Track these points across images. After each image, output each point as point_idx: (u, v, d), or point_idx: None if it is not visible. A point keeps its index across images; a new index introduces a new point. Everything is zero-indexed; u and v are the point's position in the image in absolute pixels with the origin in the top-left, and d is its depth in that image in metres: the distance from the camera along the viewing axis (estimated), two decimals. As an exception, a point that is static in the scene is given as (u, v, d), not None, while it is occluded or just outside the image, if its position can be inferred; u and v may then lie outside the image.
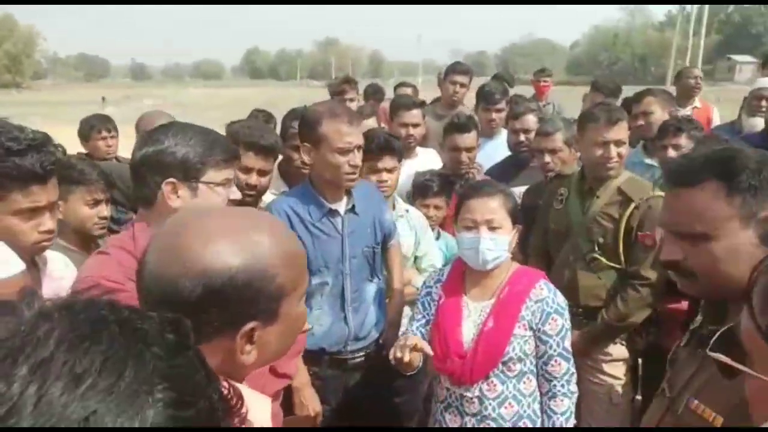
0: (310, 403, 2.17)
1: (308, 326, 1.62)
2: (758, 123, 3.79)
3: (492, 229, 1.96)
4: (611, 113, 2.48)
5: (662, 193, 2.47)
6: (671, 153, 2.93)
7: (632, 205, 2.44)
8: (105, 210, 2.32)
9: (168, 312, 0.76)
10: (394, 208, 2.74)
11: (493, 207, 1.97)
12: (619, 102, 4.27)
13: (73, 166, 2.29)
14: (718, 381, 1.06)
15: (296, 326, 0.96)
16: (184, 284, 0.82)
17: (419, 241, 2.76)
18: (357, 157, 2.19)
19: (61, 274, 1.73)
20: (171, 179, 1.47)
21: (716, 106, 5.23)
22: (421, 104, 3.68)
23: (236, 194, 1.58)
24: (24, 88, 62.34)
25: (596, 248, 2.50)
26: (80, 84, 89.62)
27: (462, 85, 4.37)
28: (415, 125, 3.51)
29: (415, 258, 2.78)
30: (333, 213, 2.26)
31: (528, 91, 6.23)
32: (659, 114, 3.44)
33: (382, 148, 2.67)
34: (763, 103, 3.93)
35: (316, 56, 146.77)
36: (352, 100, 4.30)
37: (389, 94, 5.60)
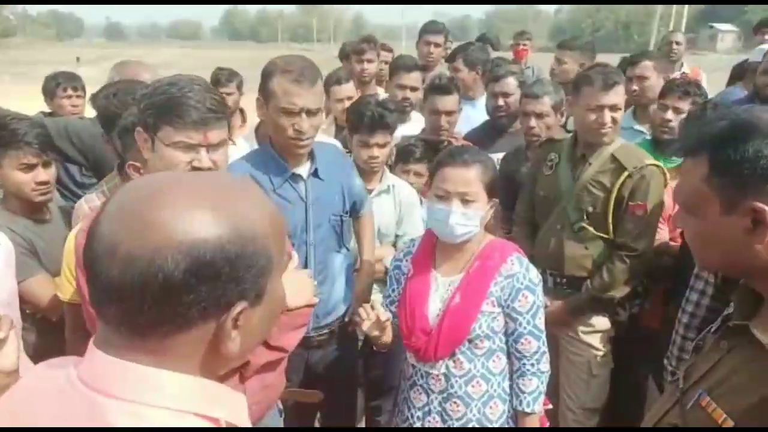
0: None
1: (315, 300, 1.54)
2: None
3: (465, 202, 1.83)
4: (608, 76, 2.36)
5: (656, 162, 2.43)
6: (669, 115, 2.84)
7: (625, 174, 2.35)
8: (43, 174, 2.11)
9: (145, 297, 0.68)
10: (380, 180, 2.61)
11: (468, 178, 1.83)
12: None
13: (5, 126, 2.08)
14: (736, 377, 0.98)
15: (278, 307, 0.84)
16: (166, 260, 0.68)
17: (402, 220, 2.62)
18: (305, 122, 1.96)
19: None
20: (139, 128, 1.46)
21: (698, 75, 5.17)
22: (423, 68, 3.50)
23: (206, 164, 1.47)
24: (-8, 47, 60.19)
25: (585, 217, 2.42)
26: (52, 43, 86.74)
27: (436, 45, 4.20)
28: (413, 89, 3.35)
29: (396, 237, 2.65)
30: (295, 178, 2.08)
31: (510, 56, 6.08)
32: (654, 80, 3.34)
33: (375, 123, 2.51)
34: None
35: (297, 18, 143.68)
36: (370, 61, 3.96)
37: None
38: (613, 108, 2.36)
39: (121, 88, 2.28)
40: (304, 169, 2.10)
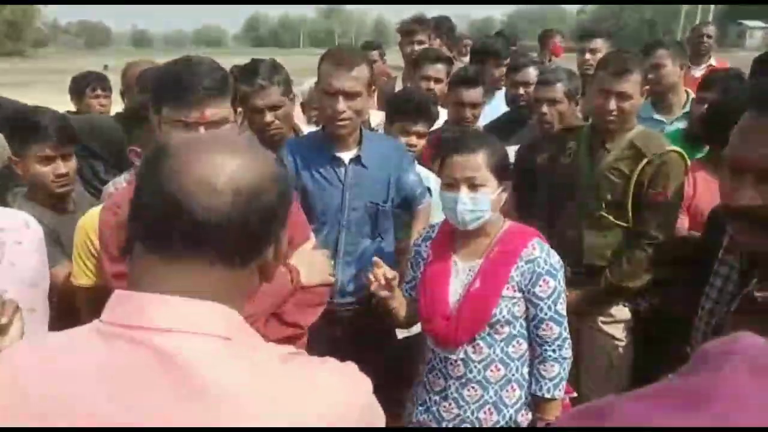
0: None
1: (331, 279, 1.57)
2: None
3: (473, 187, 1.83)
4: (620, 63, 2.33)
5: (677, 149, 2.39)
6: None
7: (644, 161, 2.31)
8: (62, 167, 2.17)
9: (247, 224, 0.75)
10: None
11: (474, 163, 1.83)
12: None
13: (26, 118, 2.16)
14: None
15: (272, 276, 0.86)
16: (267, 188, 0.78)
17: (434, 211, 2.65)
18: (341, 104, 2.08)
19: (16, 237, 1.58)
20: (152, 109, 1.51)
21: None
22: (447, 59, 3.46)
23: None
24: (27, 57, 61.66)
25: (604, 205, 2.39)
26: (82, 52, 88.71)
27: (420, 43, 4.14)
28: (438, 80, 3.33)
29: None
30: (337, 161, 2.19)
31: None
32: (670, 68, 3.29)
33: (419, 111, 2.57)
34: None
35: (319, 23, 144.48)
36: (421, 42, 3.99)
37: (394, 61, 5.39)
38: (621, 96, 2.31)
39: None
40: (347, 154, 2.20)
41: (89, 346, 0.74)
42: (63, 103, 3.48)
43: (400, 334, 2.42)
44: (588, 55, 3.85)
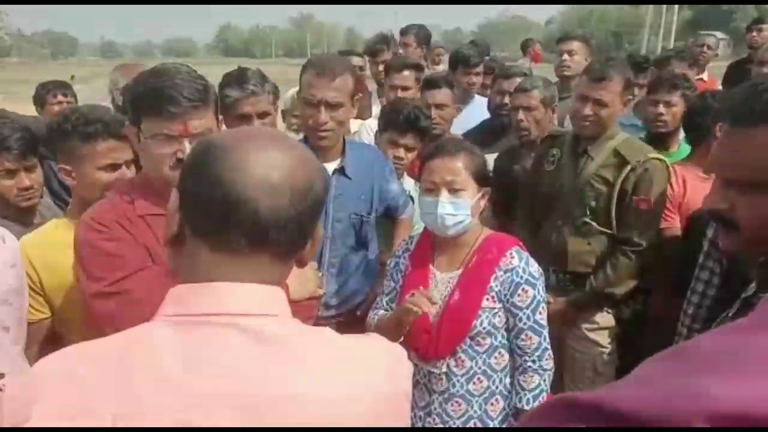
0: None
1: (322, 291, 1.52)
2: None
3: (453, 191, 1.80)
4: (599, 70, 2.34)
5: (659, 156, 2.40)
6: (661, 109, 2.83)
7: (628, 168, 2.32)
8: (26, 179, 2.05)
9: (302, 217, 0.79)
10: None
11: (454, 167, 1.80)
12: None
13: None
14: None
15: (306, 262, 0.91)
16: (317, 183, 0.81)
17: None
18: (323, 114, 2.02)
19: None
20: (127, 121, 1.45)
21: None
22: (416, 66, 3.40)
23: None
24: (-13, 66, 60.22)
25: (588, 212, 2.38)
26: (47, 62, 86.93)
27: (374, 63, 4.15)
28: (405, 88, 3.29)
29: None
30: None
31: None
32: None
33: (410, 123, 2.51)
34: None
35: (290, 33, 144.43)
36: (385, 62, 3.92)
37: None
38: (598, 102, 2.32)
39: None
40: (331, 165, 2.12)
41: (176, 340, 0.75)
42: (21, 113, 3.35)
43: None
44: (565, 56, 3.88)
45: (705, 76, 4.62)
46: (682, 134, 2.90)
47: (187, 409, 0.71)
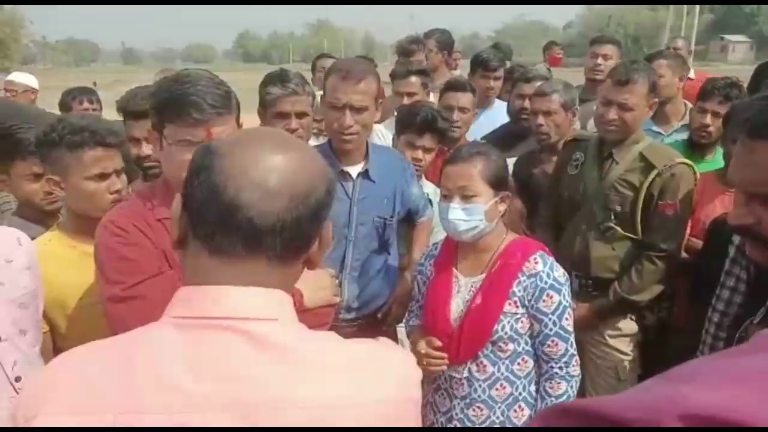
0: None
1: (336, 299, 1.52)
2: None
3: (465, 197, 1.79)
4: (623, 73, 2.31)
5: (686, 160, 2.35)
6: (708, 120, 2.78)
7: (654, 172, 2.28)
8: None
9: (301, 220, 0.78)
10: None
11: (466, 173, 1.79)
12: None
13: (10, 135, 2.04)
14: None
15: (317, 263, 0.92)
16: (319, 185, 0.81)
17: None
18: (348, 118, 2.02)
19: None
20: (150, 127, 1.47)
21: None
22: (421, 72, 3.41)
23: None
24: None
25: (612, 217, 2.35)
26: (70, 68, 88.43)
27: (419, 63, 4.07)
28: (411, 94, 3.29)
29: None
30: (344, 175, 2.12)
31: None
32: (669, 78, 3.27)
33: (428, 124, 2.52)
34: None
35: (308, 39, 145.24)
36: (420, 62, 3.97)
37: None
38: (622, 106, 2.29)
39: None
40: (355, 168, 2.14)
41: (179, 340, 0.76)
42: (50, 121, 3.42)
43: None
44: (600, 60, 3.82)
45: (692, 74, 4.55)
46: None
47: (186, 410, 0.73)
